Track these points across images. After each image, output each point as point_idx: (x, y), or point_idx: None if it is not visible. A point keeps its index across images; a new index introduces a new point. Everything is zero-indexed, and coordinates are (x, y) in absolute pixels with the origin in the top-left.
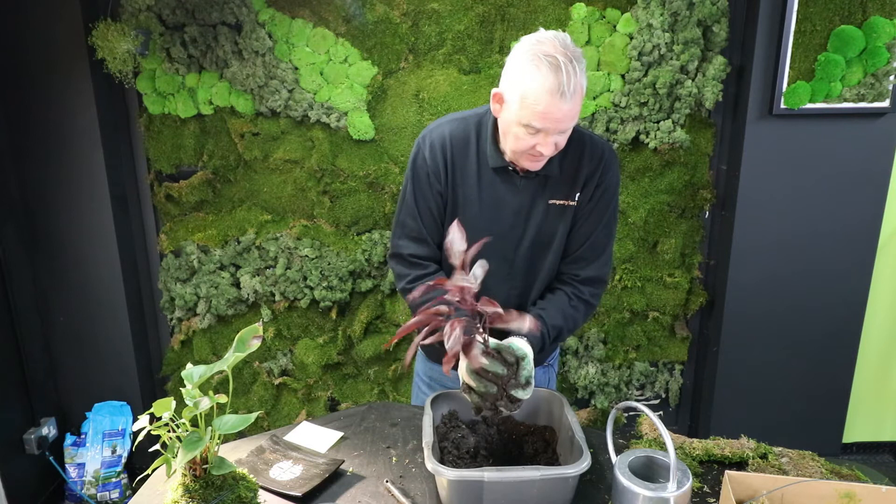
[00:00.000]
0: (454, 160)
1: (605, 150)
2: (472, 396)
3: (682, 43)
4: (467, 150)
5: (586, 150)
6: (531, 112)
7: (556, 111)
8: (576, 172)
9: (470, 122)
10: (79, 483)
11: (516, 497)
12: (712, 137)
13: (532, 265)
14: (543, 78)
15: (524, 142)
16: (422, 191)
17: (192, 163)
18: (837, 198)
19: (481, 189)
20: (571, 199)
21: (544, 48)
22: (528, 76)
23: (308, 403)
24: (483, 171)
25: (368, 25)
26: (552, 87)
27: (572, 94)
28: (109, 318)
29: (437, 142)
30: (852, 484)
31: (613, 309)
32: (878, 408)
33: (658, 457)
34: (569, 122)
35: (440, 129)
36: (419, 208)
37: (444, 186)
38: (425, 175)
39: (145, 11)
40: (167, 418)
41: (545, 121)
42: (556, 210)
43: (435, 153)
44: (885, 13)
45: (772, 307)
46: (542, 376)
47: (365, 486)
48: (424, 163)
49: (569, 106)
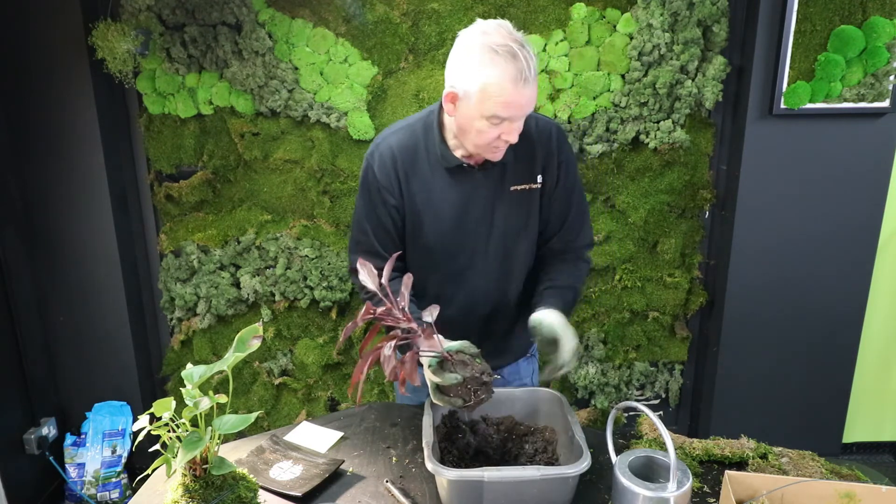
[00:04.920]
0: (405, 170)
1: (553, 127)
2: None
3: (682, 43)
4: (417, 156)
5: (533, 132)
6: (494, 103)
7: (519, 98)
8: (531, 155)
9: (416, 127)
10: (79, 483)
11: (516, 497)
12: (712, 137)
13: (506, 253)
14: (503, 68)
15: (488, 134)
16: (373, 206)
17: (192, 163)
18: (837, 198)
19: (439, 191)
20: (533, 182)
21: (493, 39)
22: (485, 69)
23: (308, 403)
24: (437, 173)
25: (368, 25)
26: (514, 75)
27: (533, 78)
28: (109, 319)
29: (386, 154)
30: (852, 484)
31: (613, 309)
32: (878, 408)
33: (658, 457)
34: (531, 105)
35: (386, 143)
36: (370, 224)
37: (398, 198)
38: (377, 191)
39: (145, 11)
40: (167, 418)
41: (510, 109)
42: (519, 195)
43: (385, 167)
44: (885, 13)
45: (772, 307)
46: (527, 367)
47: (365, 486)
48: (375, 179)
49: (530, 91)
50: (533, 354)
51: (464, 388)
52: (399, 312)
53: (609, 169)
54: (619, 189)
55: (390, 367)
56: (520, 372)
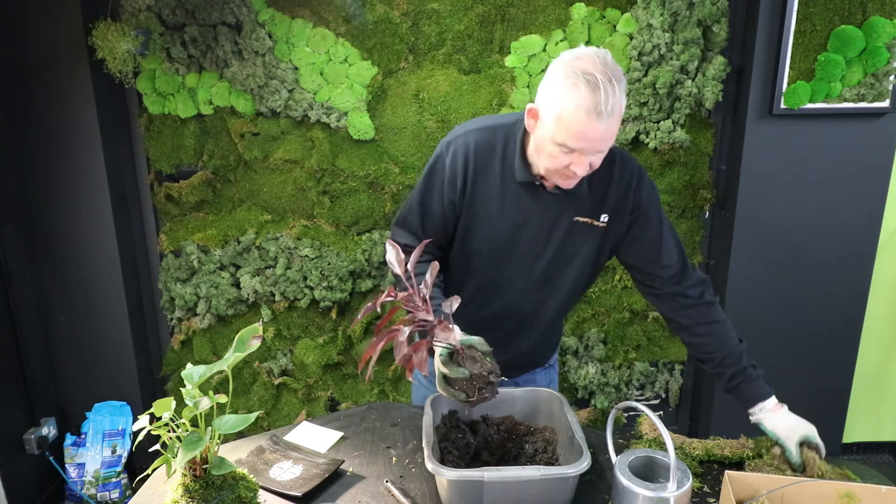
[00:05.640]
0: (476, 171)
1: (635, 170)
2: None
3: (682, 43)
4: (491, 161)
5: (615, 170)
6: (567, 131)
7: (592, 132)
8: (604, 192)
9: (498, 132)
10: (79, 483)
11: (516, 497)
12: (712, 137)
13: (550, 280)
14: (581, 97)
15: (558, 160)
16: (431, 195)
17: (192, 163)
18: (837, 198)
19: (504, 201)
20: (597, 219)
21: (583, 65)
22: (565, 94)
23: (308, 403)
24: (507, 183)
25: (368, 25)
26: (589, 106)
27: (609, 114)
28: (109, 318)
29: (461, 150)
30: (852, 484)
31: (613, 309)
32: (878, 408)
33: (658, 457)
34: (605, 142)
35: (465, 138)
36: (423, 210)
37: (458, 197)
38: (440, 182)
39: (145, 11)
40: (167, 418)
41: (581, 141)
42: (580, 227)
43: (456, 162)
44: (885, 13)
45: (771, 307)
46: (545, 378)
47: (365, 486)
48: (443, 169)
49: (605, 126)
50: (551, 365)
51: (469, 383)
52: (419, 300)
53: None
54: None
55: (402, 353)
56: (536, 381)
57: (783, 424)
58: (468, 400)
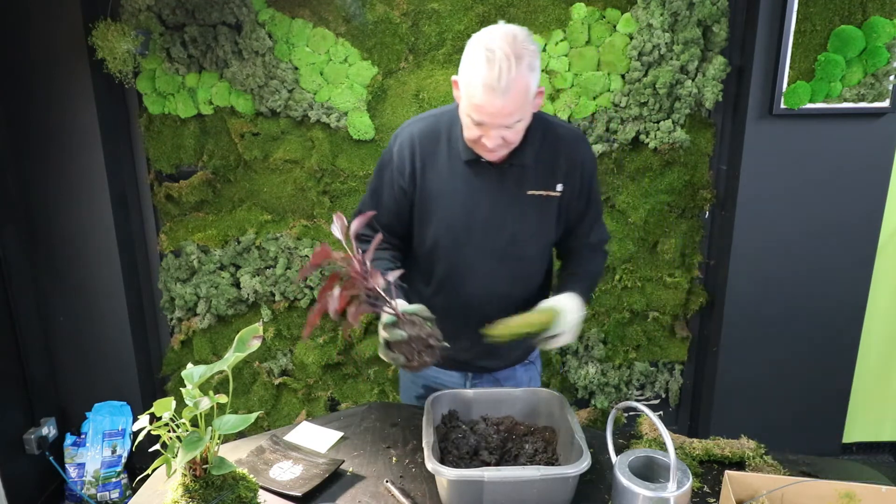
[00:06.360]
0: (423, 157)
1: (580, 140)
2: (389, 357)
3: (682, 43)
4: (437, 146)
5: (561, 141)
6: (469, 104)
7: (489, 106)
8: (553, 164)
9: (441, 118)
10: (79, 483)
11: (516, 497)
12: (712, 137)
13: (514, 256)
14: (478, 70)
15: (471, 132)
16: (382, 185)
17: (192, 163)
18: (837, 198)
19: (454, 183)
20: (552, 189)
21: (488, 39)
22: (468, 67)
23: (308, 403)
24: (455, 165)
25: (368, 25)
26: (485, 80)
27: (505, 90)
28: (109, 318)
29: (406, 141)
30: (852, 484)
31: (613, 309)
32: (878, 408)
33: (658, 457)
34: (506, 118)
35: (410, 128)
36: (376, 200)
37: (408, 183)
38: (390, 172)
39: (145, 11)
40: (167, 418)
41: (481, 114)
42: (536, 201)
43: (402, 152)
44: (885, 13)
45: (772, 307)
46: (525, 374)
47: (365, 486)
48: (391, 160)
49: (501, 102)
50: (532, 361)
51: (408, 346)
52: (358, 264)
53: (609, 169)
54: (619, 189)
55: (333, 307)
56: (516, 377)
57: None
58: (408, 364)
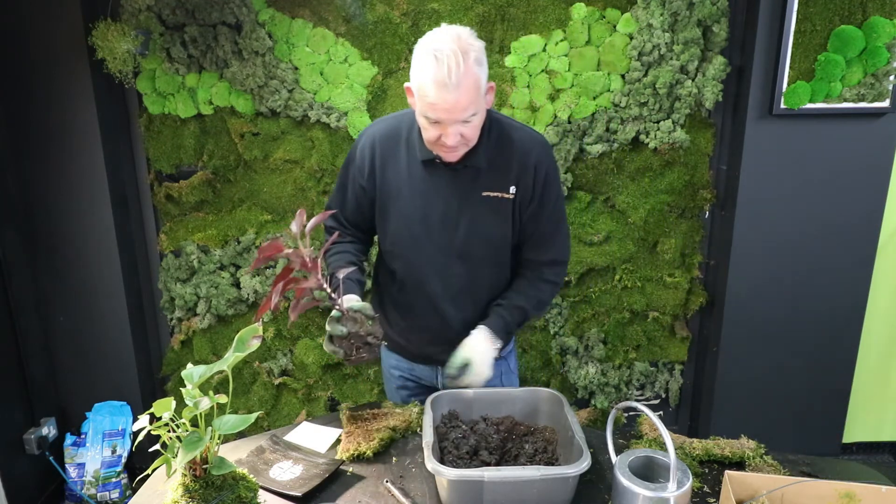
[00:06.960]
0: (383, 157)
1: (536, 143)
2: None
3: (682, 43)
4: (396, 146)
5: (515, 144)
6: (423, 104)
7: (442, 102)
8: (506, 165)
9: (402, 119)
10: (79, 483)
11: (516, 497)
12: (712, 137)
13: (471, 256)
14: (428, 69)
15: (430, 132)
16: (346, 182)
17: (192, 163)
18: (837, 198)
19: (412, 182)
20: (506, 191)
21: (434, 40)
22: (418, 69)
23: (308, 403)
24: (413, 164)
25: (368, 25)
26: (436, 78)
27: (456, 85)
28: (109, 318)
29: (367, 141)
30: (852, 484)
31: (613, 309)
32: (878, 408)
33: (658, 457)
34: (460, 112)
35: (372, 129)
36: (341, 196)
37: (368, 181)
38: (353, 170)
39: (145, 11)
40: (167, 418)
41: (436, 111)
42: (490, 202)
43: (364, 151)
44: (885, 13)
45: (772, 307)
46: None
47: (365, 486)
48: (354, 159)
49: (454, 97)
50: (503, 357)
51: (347, 342)
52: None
53: (609, 169)
54: (619, 189)
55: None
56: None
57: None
58: (347, 358)
